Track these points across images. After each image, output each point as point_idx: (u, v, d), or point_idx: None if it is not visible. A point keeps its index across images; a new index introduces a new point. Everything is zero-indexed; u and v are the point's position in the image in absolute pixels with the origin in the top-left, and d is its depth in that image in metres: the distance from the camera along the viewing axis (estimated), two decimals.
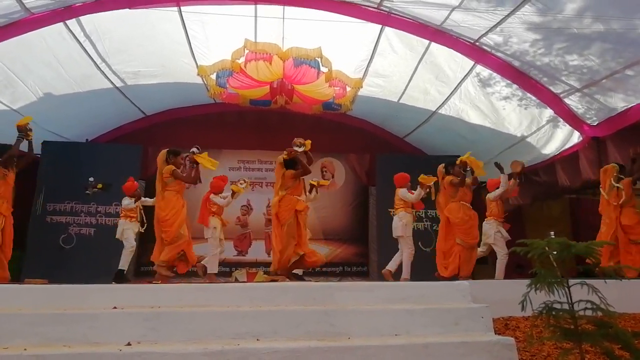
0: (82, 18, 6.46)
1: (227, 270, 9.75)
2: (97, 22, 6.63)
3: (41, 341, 2.90)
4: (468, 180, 6.23)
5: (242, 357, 2.73)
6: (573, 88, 6.58)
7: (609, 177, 5.95)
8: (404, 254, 6.59)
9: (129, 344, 2.86)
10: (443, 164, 6.46)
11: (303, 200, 5.89)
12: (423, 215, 9.53)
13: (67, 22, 6.44)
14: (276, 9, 6.78)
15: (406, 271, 6.55)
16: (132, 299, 3.50)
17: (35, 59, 6.99)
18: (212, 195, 6.94)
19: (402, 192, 6.72)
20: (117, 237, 7.05)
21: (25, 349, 2.72)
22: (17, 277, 7.49)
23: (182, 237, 5.60)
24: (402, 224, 6.60)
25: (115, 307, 3.31)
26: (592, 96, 6.51)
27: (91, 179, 8.00)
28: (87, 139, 9.89)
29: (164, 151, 5.89)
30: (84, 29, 6.70)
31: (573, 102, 6.83)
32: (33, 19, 6.12)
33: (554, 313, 2.62)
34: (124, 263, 6.92)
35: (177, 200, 5.70)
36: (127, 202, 7.07)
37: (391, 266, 6.62)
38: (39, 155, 8.98)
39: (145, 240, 9.74)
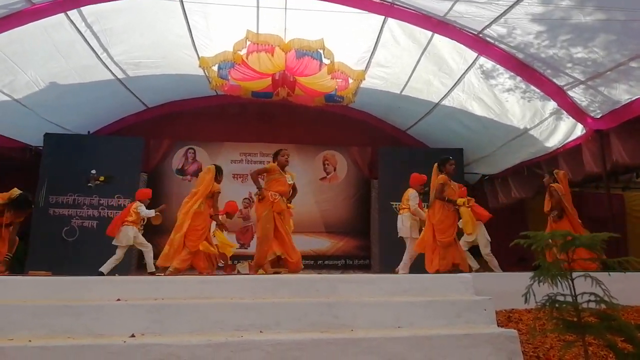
0: (83, 9, 6.43)
1: (231, 264, 9.77)
2: (98, 12, 6.60)
3: (46, 333, 2.92)
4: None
5: (246, 349, 2.74)
6: (577, 80, 6.53)
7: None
8: (407, 253, 6.62)
9: (133, 336, 2.88)
10: (437, 164, 6.40)
11: (282, 201, 5.74)
12: (425, 208, 9.53)
13: (68, 12, 6.41)
14: (278, 0, 6.74)
15: (403, 266, 6.57)
16: (136, 291, 3.52)
17: (36, 50, 6.96)
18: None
19: (412, 195, 6.68)
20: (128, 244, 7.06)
21: (30, 341, 2.74)
22: (20, 269, 7.54)
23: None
24: (407, 226, 6.61)
25: (119, 299, 3.33)
26: (596, 88, 6.46)
27: (93, 171, 8.03)
28: (89, 131, 9.88)
29: (212, 168, 6.19)
30: (85, 19, 6.66)
31: (577, 94, 6.79)
32: (34, 10, 6.09)
33: (557, 305, 2.62)
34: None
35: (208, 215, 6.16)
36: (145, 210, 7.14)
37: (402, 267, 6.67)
38: (41, 148, 9.00)
39: (145, 234, 9.80)
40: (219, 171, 6.21)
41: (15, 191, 5.89)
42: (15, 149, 8.78)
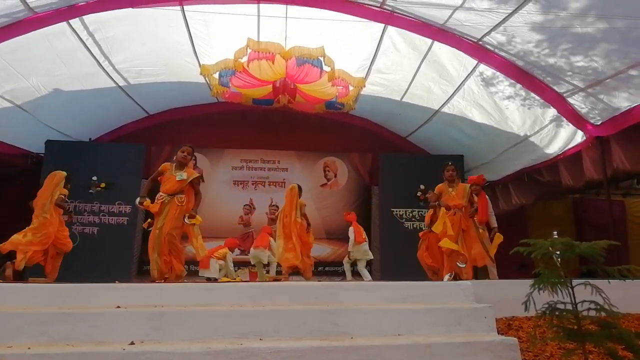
0: (85, 17, 6.47)
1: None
2: (100, 21, 6.64)
3: (45, 340, 2.91)
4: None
5: (245, 357, 2.74)
6: (577, 87, 6.55)
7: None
8: None
9: (132, 343, 2.87)
10: None
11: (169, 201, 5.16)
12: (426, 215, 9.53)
13: (70, 21, 6.45)
14: (279, 8, 6.78)
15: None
16: (136, 298, 3.51)
17: (38, 58, 7.00)
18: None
19: None
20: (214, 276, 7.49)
21: (29, 348, 2.73)
22: (21, 276, 7.53)
23: None
24: None
25: (118, 307, 3.32)
26: (596, 96, 6.48)
27: (94, 178, 8.04)
28: (90, 138, 9.91)
29: (296, 187, 6.98)
30: (87, 27, 6.71)
31: (577, 101, 6.80)
32: (36, 18, 6.13)
33: (557, 313, 2.62)
34: None
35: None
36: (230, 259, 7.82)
37: None
38: (42, 155, 9.03)
39: (146, 240, 9.78)
40: (300, 189, 7.10)
41: (59, 173, 6.12)
42: (17, 156, 8.82)
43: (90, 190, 8.72)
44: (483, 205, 6.55)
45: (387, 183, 9.84)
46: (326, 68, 7.18)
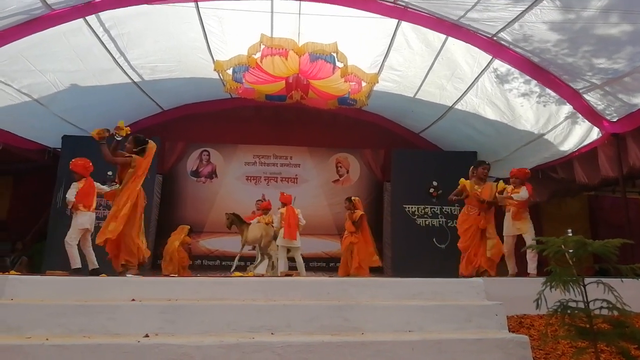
0: (101, 14, 6.54)
1: (242, 265, 9.83)
2: (115, 17, 6.71)
3: (62, 331, 2.99)
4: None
5: (257, 350, 2.78)
6: (593, 84, 6.46)
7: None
8: None
9: (147, 336, 2.93)
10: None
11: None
12: (438, 212, 9.50)
13: (87, 17, 6.53)
14: (292, 4, 6.78)
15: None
16: (150, 291, 3.58)
17: (55, 54, 7.10)
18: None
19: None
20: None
21: (47, 339, 2.80)
22: (38, 269, 7.69)
23: None
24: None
25: (133, 300, 3.38)
26: (613, 93, 6.39)
27: (109, 173, 8.12)
28: None
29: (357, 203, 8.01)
30: (103, 24, 6.78)
31: (593, 98, 6.71)
32: (54, 15, 6.21)
33: (569, 312, 2.61)
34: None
35: None
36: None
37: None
38: (59, 150, 9.17)
39: (160, 234, 9.91)
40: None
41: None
42: (34, 151, 8.97)
43: (106, 185, 8.81)
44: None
45: (400, 179, 9.81)
46: (339, 64, 7.17)
